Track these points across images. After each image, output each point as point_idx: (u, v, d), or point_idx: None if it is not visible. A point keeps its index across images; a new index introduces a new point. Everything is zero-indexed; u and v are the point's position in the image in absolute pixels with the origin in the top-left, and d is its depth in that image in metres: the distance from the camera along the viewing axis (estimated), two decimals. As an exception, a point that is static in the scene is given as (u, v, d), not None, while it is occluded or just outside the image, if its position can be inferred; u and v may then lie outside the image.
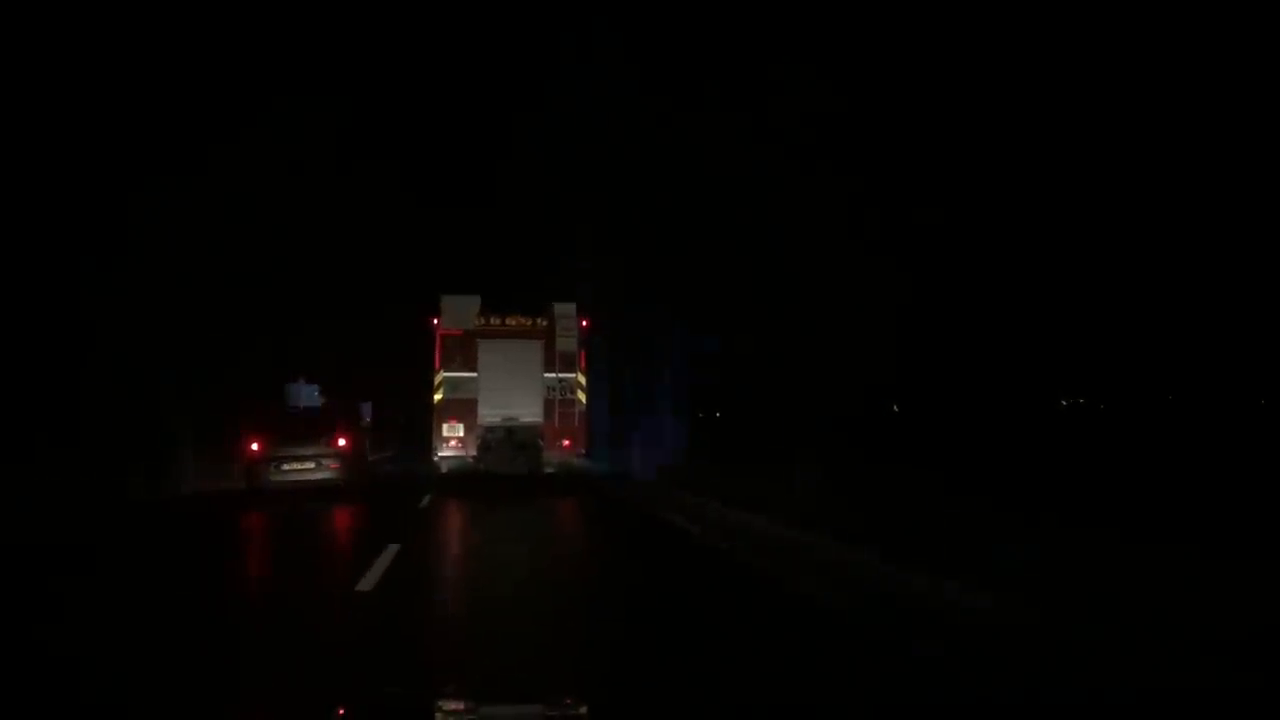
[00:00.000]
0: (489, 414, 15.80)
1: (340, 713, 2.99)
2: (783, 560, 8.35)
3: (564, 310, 16.23)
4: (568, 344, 16.02)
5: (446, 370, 15.92)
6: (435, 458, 16.13)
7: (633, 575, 8.04)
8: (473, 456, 15.84)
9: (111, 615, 6.40)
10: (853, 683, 4.50)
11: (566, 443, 16.13)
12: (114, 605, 6.78)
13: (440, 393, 15.99)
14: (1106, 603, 5.36)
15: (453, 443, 15.86)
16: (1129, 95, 19.90)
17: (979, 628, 5.48)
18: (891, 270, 16.78)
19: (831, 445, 14.77)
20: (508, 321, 16.13)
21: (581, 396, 16.26)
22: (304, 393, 22.63)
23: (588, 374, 16.59)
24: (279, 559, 10.10)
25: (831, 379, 17.30)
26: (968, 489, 11.28)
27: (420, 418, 19.62)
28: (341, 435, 15.57)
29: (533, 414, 15.91)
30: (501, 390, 15.81)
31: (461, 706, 3.16)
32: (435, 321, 16.14)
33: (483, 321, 16.00)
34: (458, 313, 16.01)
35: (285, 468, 14.95)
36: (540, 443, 15.88)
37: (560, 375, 16.00)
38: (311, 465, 15.04)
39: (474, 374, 15.82)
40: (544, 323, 16.15)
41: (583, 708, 3.10)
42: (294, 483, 14.87)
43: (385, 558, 8.29)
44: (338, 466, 15.16)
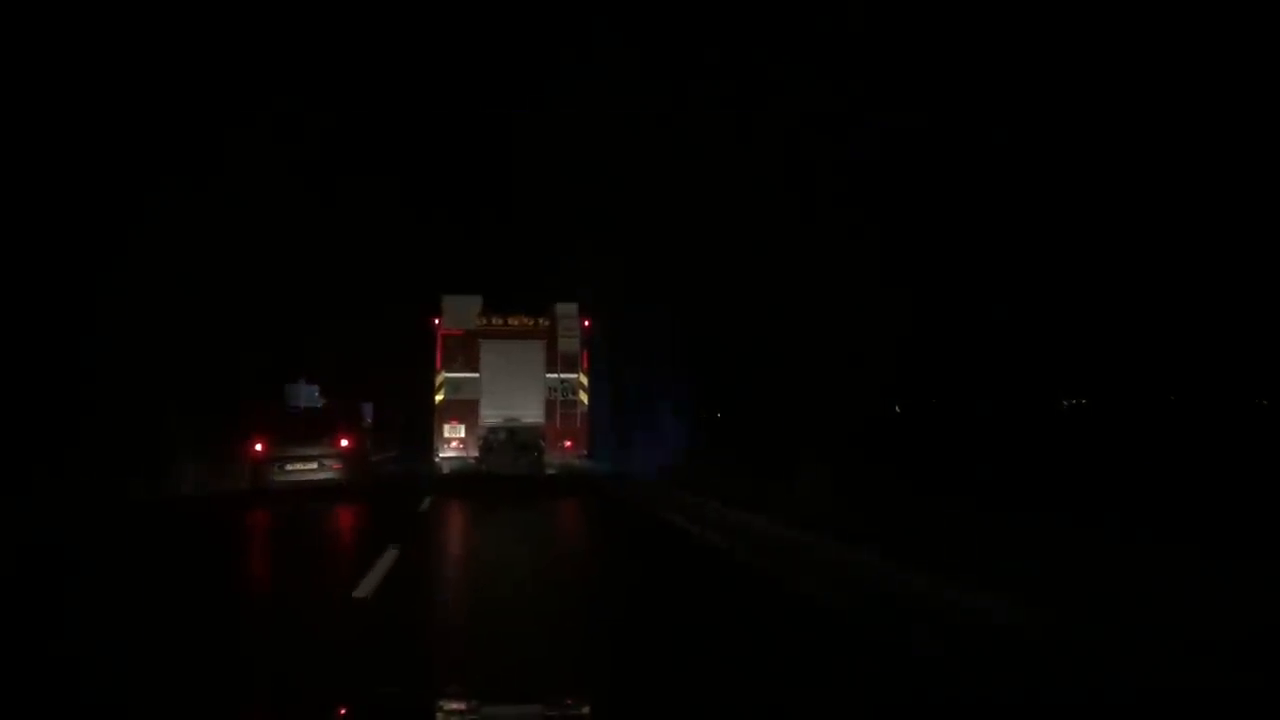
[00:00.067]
0: (491, 415, 15.77)
1: (342, 713, 3.00)
2: (783, 560, 8.36)
3: (566, 310, 16.12)
4: (570, 344, 15.93)
5: (448, 371, 15.84)
6: (437, 458, 16.05)
7: (633, 576, 8.04)
8: (474, 457, 15.79)
9: (110, 617, 6.40)
10: (853, 683, 4.51)
11: (568, 444, 16.02)
12: (113, 607, 6.78)
13: (441, 393, 15.92)
14: (1107, 602, 5.37)
15: (454, 444, 15.80)
16: (1130, 96, 19.89)
17: (979, 628, 5.48)
18: (893, 271, 16.79)
19: (834, 445, 14.77)
20: (509, 322, 16.06)
21: (583, 397, 16.15)
22: (304, 393, 22.58)
23: (589, 374, 16.53)
24: (278, 561, 10.10)
25: (833, 379, 17.30)
26: (968, 489, 11.27)
27: (421, 418, 19.59)
28: (344, 436, 15.57)
29: (534, 415, 15.86)
30: (503, 391, 15.76)
31: (463, 706, 3.17)
32: (436, 321, 16.07)
33: (484, 322, 15.94)
34: (459, 313, 15.93)
35: (289, 468, 14.97)
36: (542, 444, 15.81)
37: (562, 376, 15.91)
38: (315, 466, 15.05)
39: (475, 374, 15.77)
40: (546, 323, 16.06)
41: (584, 708, 3.11)
42: (298, 483, 14.89)
43: (386, 559, 8.30)
44: (341, 467, 15.17)
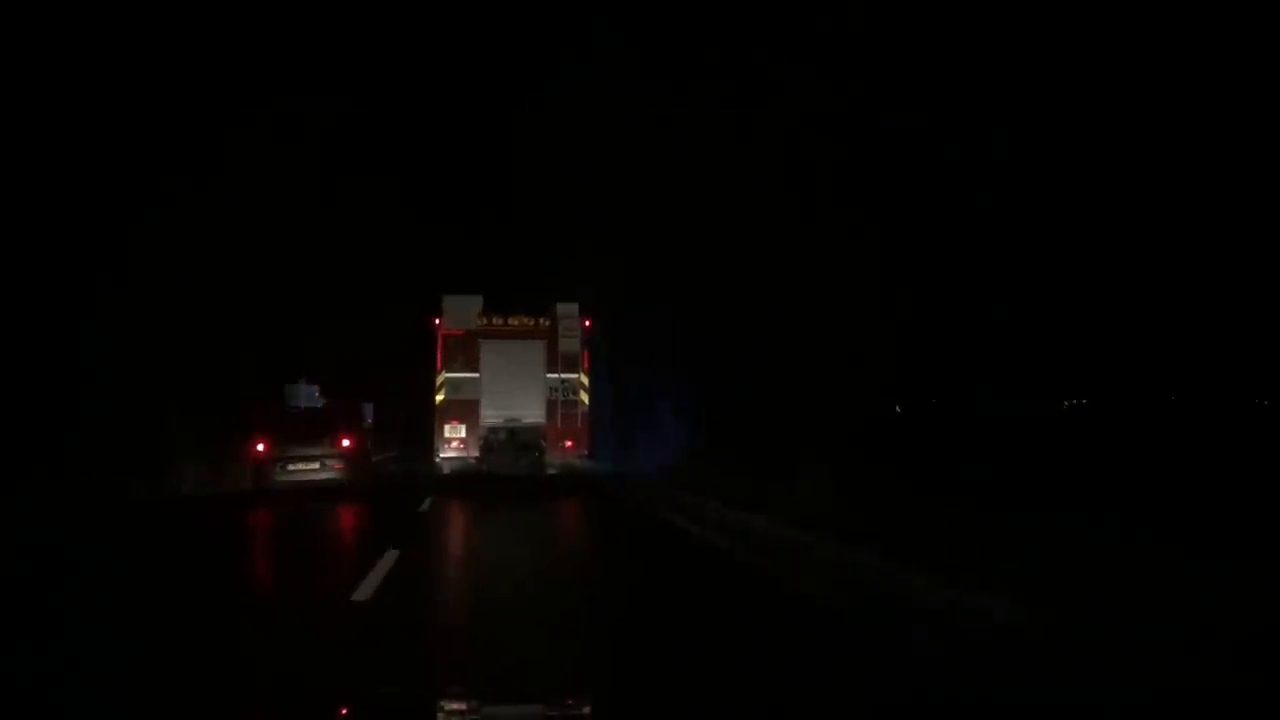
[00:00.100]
0: (491, 415, 15.75)
1: (343, 713, 3.01)
2: (783, 560, 8.36)
3: (566, 310, 16.10)
4: (570, 344, 15.91)
5: (448, 371, 15.82)
6: (437, 459, 16.03)
7: (633, 576, 8.04)
8: (475, 458, 15.77)
9: (110, 617, 6.40)
10: (853, 683, 4.51)
11: (569, 444, 15.99)
12: (113, 607, 6.78)
13: (442, 393, 15.90)
14: (1107, 603, 5.37)
15: (455, 444, 15.78)
16: (1130, 96, 19.90)
17: (979, 628, 5.48)
18: (893, 271, 16.80)
19: (834, 445, 14.77)
20: (510, 322, 16.04)
21: (584, 397, 16.12)
22: (304, 393, 22.58)
23: (590, 374, 16.50)
24: (279, 561, 10.11)
25: (833, 379, 17.30)
26: (968, 489, 11.26)
27: (421, 418, 19.58)
28: (346, 436, 15.58)
29: (535, 415, 15.84)
30: (504, 391, 15.75)
31: (464, 707, 3.17)
32: (437, 321, 16.04)
33: (485, 322, 15.91)
34: (459, 313, 15.90)
35: (291, 468, 14.99)
36: (543, 444, 15.80)
37: (563, 376, 15.88)
38: (317, 466, 15.08)
39: (476, 374, 15.75)
40: (546, 323, 16.04)
41: (585, 708, 3.11)
42: (300, 483, 14.91)
43: (387, 560, 8.30)
44: (342, 467, 15.20)
